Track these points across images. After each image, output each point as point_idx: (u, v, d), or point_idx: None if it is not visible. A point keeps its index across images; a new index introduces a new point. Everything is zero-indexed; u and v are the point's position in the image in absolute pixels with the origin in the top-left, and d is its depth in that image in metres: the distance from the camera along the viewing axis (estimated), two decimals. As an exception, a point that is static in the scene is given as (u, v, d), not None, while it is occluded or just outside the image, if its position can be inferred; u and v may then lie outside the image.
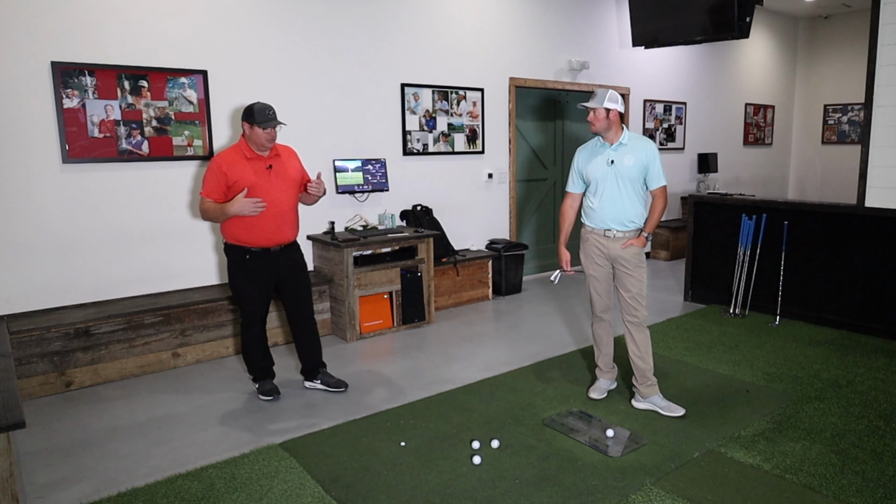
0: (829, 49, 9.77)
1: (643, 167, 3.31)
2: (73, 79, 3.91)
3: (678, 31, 6.31)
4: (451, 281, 5.59)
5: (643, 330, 3.39)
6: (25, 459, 2.97)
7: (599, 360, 3.63)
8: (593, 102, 3.32)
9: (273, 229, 3.45)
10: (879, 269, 4.61)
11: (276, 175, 3.46)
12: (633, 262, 3.35)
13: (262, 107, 3.34)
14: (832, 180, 9.88)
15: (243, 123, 3.38)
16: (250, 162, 3.39)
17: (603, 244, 3.40)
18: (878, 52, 4.53)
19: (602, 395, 3.58)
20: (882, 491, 2.60)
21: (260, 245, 3.44)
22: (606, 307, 3.53)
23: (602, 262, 3.44)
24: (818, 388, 3.67)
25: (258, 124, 3.32)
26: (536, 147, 6.75)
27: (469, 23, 5.85)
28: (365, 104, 5.24)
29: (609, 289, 3.50)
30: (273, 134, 3.38)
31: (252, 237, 3.42)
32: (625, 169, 3.30)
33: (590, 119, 3.34)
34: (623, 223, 3.34)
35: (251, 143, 3.40)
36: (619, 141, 3.34)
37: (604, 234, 3.39)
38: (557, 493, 2.60)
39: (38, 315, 3.87)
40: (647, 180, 3.35)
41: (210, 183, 3.37)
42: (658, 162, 3.32)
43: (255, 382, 3.71)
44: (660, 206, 3.36)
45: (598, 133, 3.37)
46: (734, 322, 5.05)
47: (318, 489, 2.66)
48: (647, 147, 3.32)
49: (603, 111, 3.29)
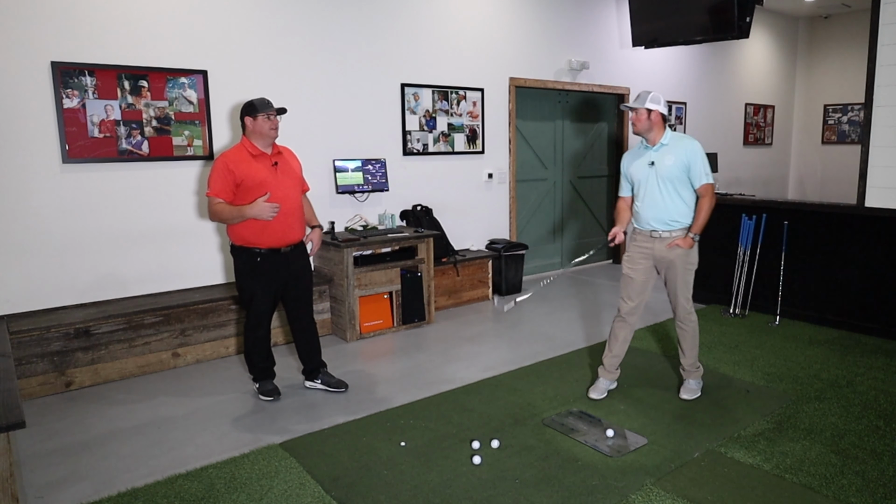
0: (829, 49, 9.77)
1: (684, 166, 3.31)
2: (73, 79, 3.92)
3: (678, 31, 6.31)
4: (451, 281, 5.59)
5: (690, 332, 3.50)
6: (25, 459, 2.97)
7: (606, 359, 3.61)
8: (636, 103, 3.34)
9: (284, 229, 3.42)
10: (879, 269, 4.61)
11: (282, 173, 3.44)
12: (679, 264, 3.36)
13: (261, 98, 3.36)
14: (832, 180, 9.87)
15: (245, 119, 3.36)
16: (256, 159, 3.36)
17: (649, 245, 3.42)
18: (878, 52, 4.53)
19: (602, 396, 3.58)
20: (882, 491, 2.60)
21: (270, 246, 3.41)
22: (633, 310, 3.51)
23: (644, 264, 3.44)
24: (818, 388, 3.67)
25: (260, 113, 3.31)
26: (536, 147, 6.75)
27: (469, 23, 5.85)
28: (365, 104, 5.24)
29: (642, 292, 3.49)
30: (276, 122, 3.38)
31: (263, 238, 3.38)
32: (665, 169, 3.31)
33: (632, 119, 3.36)
34: (666, 223, 3.35)
35: (255, 137, 3.37)
36: (660, 142, 3.35)
37: (650, 234, 3.41)
38: (557, 493, 2.60)
39: (38, 315, 3.87)
40: (691, 179, 3.35)
41: (218, 182, 3.31)
42: (700, 160, 3.32)
43: (256, 382, 3.70)
44: (706, 204, 3.34)
45: (640, 133, 3.39)
46: (734, 322, 5.05)
47: (318, 489, 2.66)
48: (689, 145, 3.33)
49: (644, 112, 3.31)
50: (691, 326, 3.49)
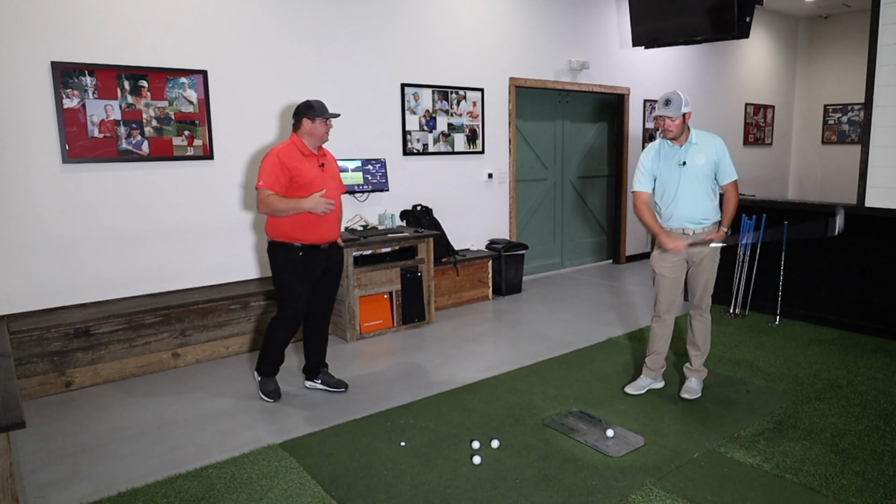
0: (829, 49, 9.77)
1: (714, 164, 3.33)
2: (73, 79, 3.91)
3: (678, 31, 6.30)
4: (451, 281, 5.58)
5: (707, 327, 3.56)
6: (25, 459, 2.97)
7: (648, 359, 3.66)
8: (671, 111, 3.22)
9: (328, 227, 3.47)
10: (879, 269, 4.61)
11: (328, 174, 3.51)
12: (711, 259, 3.43)
13: (319, 101, 3.41)
14: (832, 180, 9.87)
15: (302, 120, 3.38)
16: (306, 159, 3.41)
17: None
18: (878, 52, 4.53)
19: (639, 392, 3.62)
20: (882, 491, 2.60)
21: (312, 242, 3.44)
22: (669, 308, 3.55)
23: (676, 261, 3.45)
24: (818, 388, 3.67)
25: (319, 117, 3.37)
26: (536, 147, 6.75)
27: (469, 23, 5.85)
28: (365, 104, 5.24)
29: (676, 288, 3.52)
30: (331, 126, 3.46)
31: (307, 234, 3.41)
32: (697, 168, 3.31)
33: (666, 126, 3.27)
34: (699, 221, 3.38)
35: (308, 138, 3.41)
36: (688, 141, 3.34)
37: (682, 232, 3.42)
38: (557, 493, 2.60)
39: (38, 315, 3.87)
40: (719, 176, 3.37)
41: (271, 175, 3.31)
42: (728, 157, 3.36)
43: (260, 376, 3.67)
44: (733, 200, 3.40)
45: (673, 138, 3.33)
46: (734, 322, 5.05)
47: (318, 489, 2.66)
48: (717, 143, 3.35)
49: (681, 118, 3.26)
50: (709, 321, 3.58)
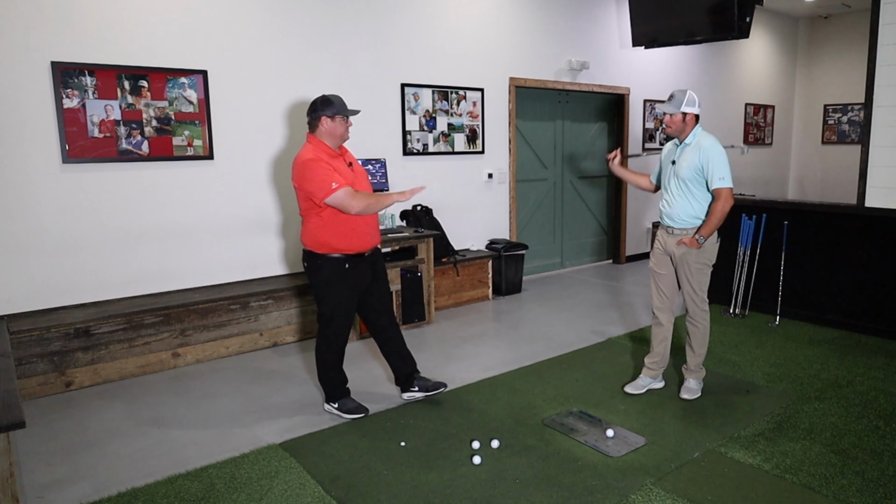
0: (829, 49, 9.76)
1: (697, 167, 3.31)
2: (73, 79, 3.91)
3: (678, 31, 6.31)
4: (451, 281, 5.59)
5: (700, 331, 3.51)
6: (25, 459, 2.97)
7: (647, 358, 3.67)
8: (670, 107, 3.32)
9: (371, 231, 3.27)
10: (879, 269, 4.61)
11: (358, 173, 3.28)
12: (688, 261, 3.38)
13: (338, 97, 3.17)
14: (832, 180, 9.87)
15: (321, 118, 3.12)
16: (335, 160, 3.16)
17: (664, 239, 3.50)
18: (878, 52, 4.53)
19: (639, 391, 3.62)
20: (882, 491, 2.60)
21: (358, 250, 3.22)
22: (661, 306, 3.58)
23: (663, 258, 3.51)
24: (818, 388, 3.67)
25: (339, 114, 3.12)
26: (536, 147, 6.75)
27: (469, 23, 5.85)
28: (365, 104, 5.23)
29: (666, 284, 3.55)
30: (351, 124, 3.22)
31: (352, 243, 3.18)
32: (681, 169, 3.35)
33: (666, 122, 3.38)
34: (677, 220, 3.40)
35: (329, 138, 3.15)
36: (685, 140, 3.38)
37: (666, 229, 3.48)
38: (557, 493, 2.60)
39: (38, 315, 3.87)
40: (707, 181, 3.34)
41: (331, 175, 3.03)
42: (714, 163, 3.27)
43: (334, 402, 3.39)
44: (716, 208, 3.27)
45: (674, 135, 3.42)
46: (734, 322, 5.05)
47: (318, 489, 2.66)
48: (705, 147, 3.30)
49: (680, 115, 3.32)
50: (702, 325, 3.51)
